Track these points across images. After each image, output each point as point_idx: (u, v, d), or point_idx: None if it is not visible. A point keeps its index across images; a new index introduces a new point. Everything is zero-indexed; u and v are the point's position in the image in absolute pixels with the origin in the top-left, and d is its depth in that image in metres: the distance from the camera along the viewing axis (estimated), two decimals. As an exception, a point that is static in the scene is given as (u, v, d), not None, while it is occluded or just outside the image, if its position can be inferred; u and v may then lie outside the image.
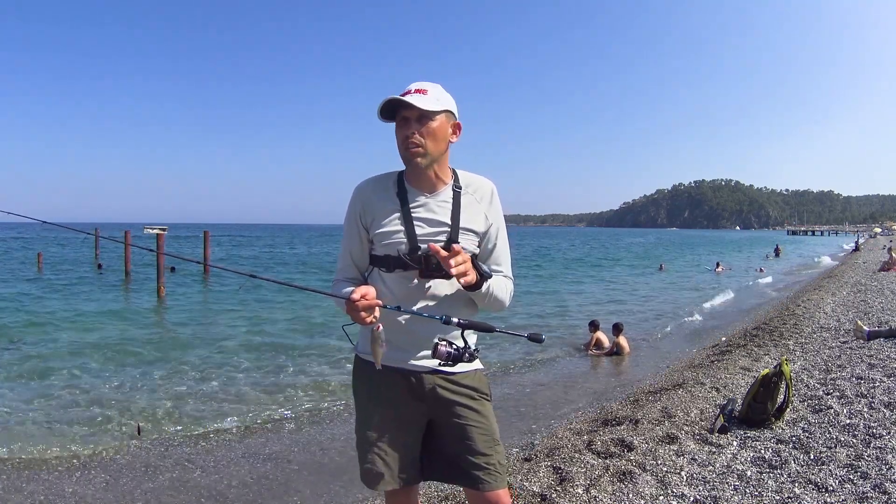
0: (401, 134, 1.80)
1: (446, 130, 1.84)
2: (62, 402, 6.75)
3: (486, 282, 1.81)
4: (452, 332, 1.84)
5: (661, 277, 25.86)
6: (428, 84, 1.82)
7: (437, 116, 1.80)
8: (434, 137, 1.80)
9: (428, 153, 1.80)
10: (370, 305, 1.73)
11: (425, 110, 1.77)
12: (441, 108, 1.80)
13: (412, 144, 1.78)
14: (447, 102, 1.83)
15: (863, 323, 7.83)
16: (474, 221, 1.89)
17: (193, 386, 7.44)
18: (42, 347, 9.91)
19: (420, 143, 1.78)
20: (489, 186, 1.96)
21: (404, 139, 1.79)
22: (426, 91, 1.79)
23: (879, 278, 15.91)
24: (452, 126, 1.86)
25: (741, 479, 3.26)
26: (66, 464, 4.98)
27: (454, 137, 1.88)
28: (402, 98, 1.76)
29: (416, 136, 1.78)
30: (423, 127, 1.78)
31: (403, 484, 1.95)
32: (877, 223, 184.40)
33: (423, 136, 1.78)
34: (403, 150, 1.81)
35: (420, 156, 1.80)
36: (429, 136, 1.79)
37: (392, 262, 1.84)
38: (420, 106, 1.75)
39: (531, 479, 3.52)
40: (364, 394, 1.99)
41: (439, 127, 1.81)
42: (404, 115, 1.79)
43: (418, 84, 1.82)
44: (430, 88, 1.81)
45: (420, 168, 1.82)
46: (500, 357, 8.46)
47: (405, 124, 1.79)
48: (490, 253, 1.96)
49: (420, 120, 1.78)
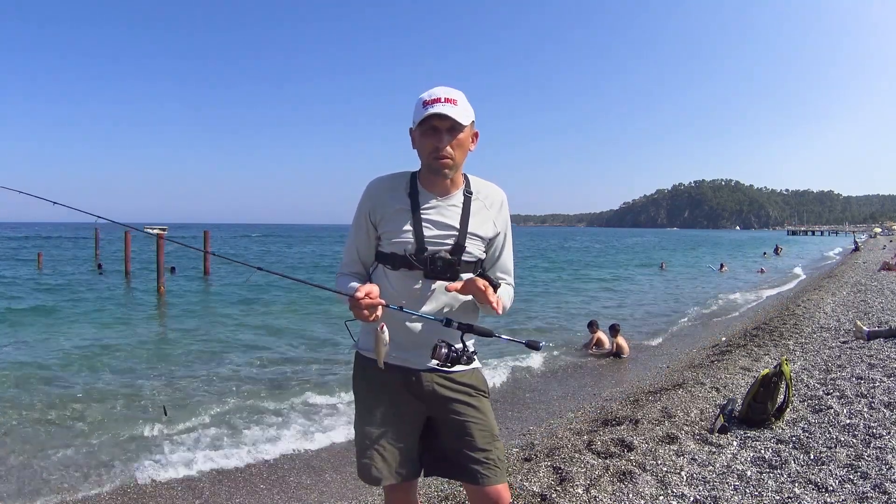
0: (429, 143, 1.79)
1: (469, 141, 1.85)
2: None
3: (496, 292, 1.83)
4: (452, 334, 1.85)
5: (663, 276, 25.87)
6: (455, 92, 1.80)
7: (466, 128, 1.80)
8: (462, 149, 1.81)
9: (455, 164, 1.82)
10: (373, 304, 1.73)
11: (460, 123, 1.76)
12: (469, 120, 1.81)
13: (443, 156, 1.78)
14: (471, 112, 1.82)
15: (862, 323, 7.83)
16: (482, 227, 1.91)
17: (193, 386, 7.44)
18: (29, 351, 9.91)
19: (450, 154, 1.78)
20: (500, 195, 1.98)
21: (434, 149, 1.78)
22: (456, 101, 1.77)
23: (879, 278, 15.92)
24: (473, 135, 1.88)
25: (741, 479, 3.26)
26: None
27: (473, 146, 1.89)
28: (445, 113, 1.73)
29: (448, 149, 1.78)
30: (454, 139, 1.78)
31: (401, 479, 1.96)
32: (877, 223, 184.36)
33: (453, 147, 1.78)
34: (432, 160, 1.80)
35: (449, 167, 1.81)
36: (458, 147, 1.80)
37: (398, 260, 1.85)
38: (456, 118, 1.74)
39: (531, 479, 3.52)
40: (363, 390, 2.01)
41: (465, 138, 1.82)
42: (435, 125, 1.77)
43: (446, 91, 1.79)
44: (458, 98, 1.79)
45: (445, 177, 1.84)
46: (500, 357, 8.46)
47: (435, 134, 1.78)
48: (496, 260, 1.98)
49: (451, 131, 1.77)
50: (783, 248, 46.89)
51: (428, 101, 1.78)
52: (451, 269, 1.84)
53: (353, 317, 1.80)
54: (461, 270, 1.86)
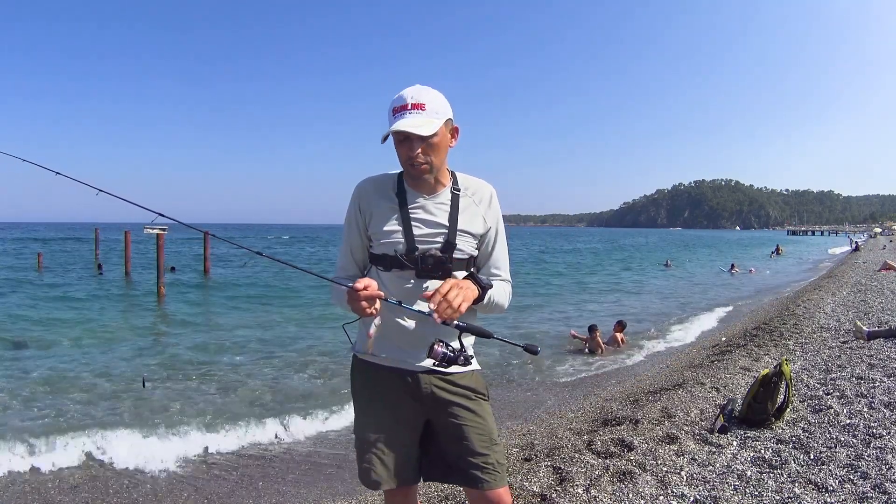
0: (403, 152, 1.78)
1: (447, 139, 1.83)
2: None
3: (486, 293, 1.82)
4: (450, 333, 1.83)
5: (670, 274, 25.80)
6: (424, 94, 1.76)
7: (439, 131, 1.76)
8: (437, 151, 1.79)
9: (433, 168, 1.81)
10: (372, 296, 1.71)
11: (427, 137, 1.73)
12: (440, 122, 1.76)
13: (418, 163, 1.77)
14: (444, 110, 1.78)
15: (862, 323, 7.83)
16: (472, 224, 1.89)
17: (191, 385, 7.44)
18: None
19: (425, 160, 1.77)
20: (488, 190, 1.96)
21: (408, 158, 1.77)
22: (423, 106, 1.74)
23: (879, 278, 15.91)
24: (451, 131, 1.85)
25: (741, 479, 3.26)
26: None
27: (453, 142, 1.87)
28: (406, 130, 1.71)
29: (420, 156, 1.76)
30: (426, 144, 1.76)
31: (401, 484, 1.95)
32: (877, 223, 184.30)
33: (426, 153, 1.77)
34: (409, 167, 1.79)
35: (427, 172, 1.80)
36: (432, 152, 1.78)
37: (389, 261, 1.84)
38: (419, 133, 1.71)
39: (531, 479, 3.52)
40: (362, 394, 1.99)
41: (441, 140, 1.79)
42: (405, 134, 1.74)
43: (414, 96, 1.75)
44: (427, 101, 1.75)
45: (426, 181, 1.84)
46: (499, 357, 8.46)
47: (407, 143, 1.76)
48: (489, 256, 1.97)
49: (421, 138, 1.75)
50: (783, 249, 46.89)
51: (397, 108, 1.75)
52: (443, 267, 1.83)
53: (351, 311, 1.79)
54: (453, 268, 1.85)
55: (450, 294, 1.68)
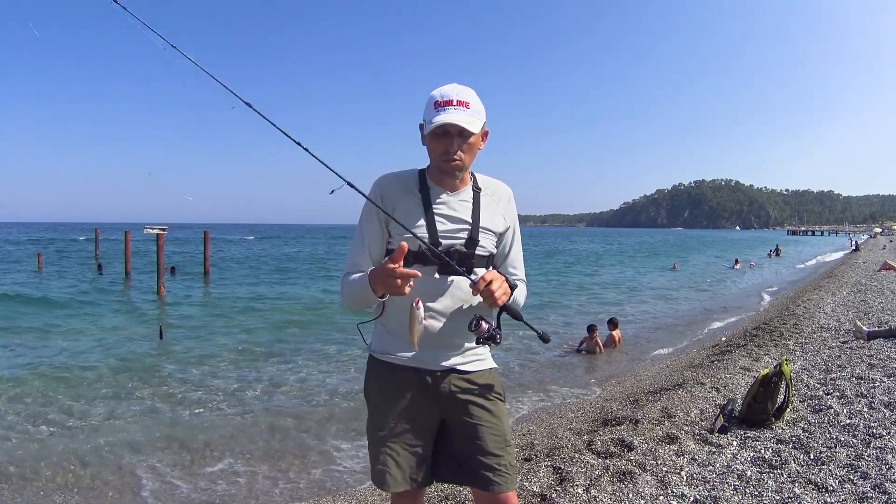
0: (440, 146, 1.78)
1: (479, 141, 1.85)
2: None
3: (514, 292, 1.83)
4: (485, 313, 1.84)
5: (675, 277, 25.69)
6: (467, 93, 1.79)
7: (478, 131, 1.79)
8: (471, 151, 1.82)
9: (465, 166, 1.83)
10: (408, 275, 1.65)
11: (472, 132, 1.75)
12: (481, 122, 1.80)
13: (453, 160, 1.78)
14: (483, 112, 1.81)
15: (862, 323, 7.83)
16: (493, 221, 1.91)
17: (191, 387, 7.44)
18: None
19: (461, 158, 1.79)
20: (507, 190, 1.99)
21: (444, 153, 1.78)
22: (468, 104, 1.76)
23: (879, 278, 15.91)
24: (483, 134, 1.87)
25: (741, 479, 3.26)
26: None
27: (482, 145, 1.89)
28: (458, 124, 1.73)
29: (459, 153, 1.78)
30: (465, 142, 1.78)
31: (415, 486, 1.92)
32: (877, 223, 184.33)
33: (463, 150, 1.78)
34: (443, 162, 1.80)
35: (459, 170, 1.82)
36: (468, 150, 1.80)
37: (411, 255, 1.79)
38: (467, 127, 1.73)
39: (531, 479, 3.52)
40: (377, 395, 1.95)
41: (476, 140, 1.81)
42: (446, 129, 1.76)
43: (458, 92, 1.78)
44: (470, 100, 1.77)
45: (455, 178, 1.85)
46: (498, 357, 8.45)
47: (446, 138, 1.77)
48: (506, 256, 1.98)
49: (462, 135, 1.76)
50: (783, 250, 46.90)
51: (440, 102, 1.76)
52: (466, 263, 1.83)
53: (370, 301, 1.78)
54: (475, 265, 1.84)
55: (493, 284, 1.72)
